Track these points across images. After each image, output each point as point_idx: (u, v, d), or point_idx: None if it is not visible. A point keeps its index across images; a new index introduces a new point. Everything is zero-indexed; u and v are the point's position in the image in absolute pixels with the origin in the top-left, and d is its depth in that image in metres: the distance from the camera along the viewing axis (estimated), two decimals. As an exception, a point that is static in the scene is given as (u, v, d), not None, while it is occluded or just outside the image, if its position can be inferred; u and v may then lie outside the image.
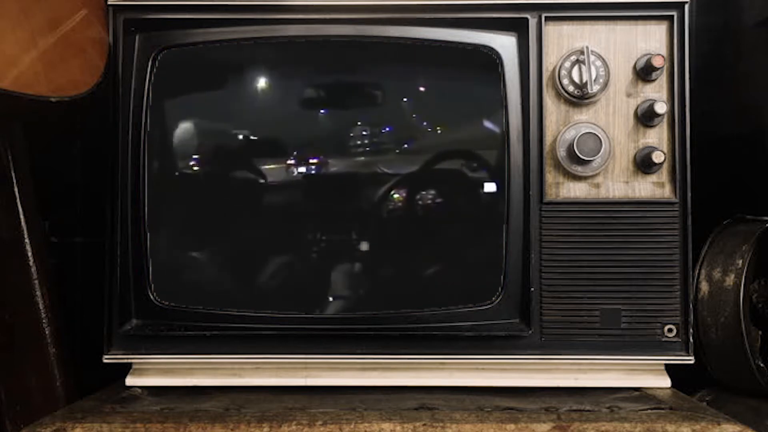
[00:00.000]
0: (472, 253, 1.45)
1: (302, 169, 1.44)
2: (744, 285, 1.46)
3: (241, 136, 1.47)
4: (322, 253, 1.45)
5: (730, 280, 1.48)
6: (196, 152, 1.46)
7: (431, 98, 1.47)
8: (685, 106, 1.42)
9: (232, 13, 1.44)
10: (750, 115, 1.63)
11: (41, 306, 1.45)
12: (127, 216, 1.42)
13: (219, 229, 1.46)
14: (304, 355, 1.42)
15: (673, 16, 1.43)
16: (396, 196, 1.43)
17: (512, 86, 1.43)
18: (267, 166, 1.44)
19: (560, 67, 1.43)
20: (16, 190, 1.46)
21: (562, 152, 1.42)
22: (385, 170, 1.43)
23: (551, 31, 1.44)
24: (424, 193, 1.44)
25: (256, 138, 1.47)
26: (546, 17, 1.43)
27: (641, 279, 1.40)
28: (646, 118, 1.42)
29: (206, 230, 1.46)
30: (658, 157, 1.39)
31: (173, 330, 1.42)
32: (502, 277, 1.41)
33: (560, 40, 1.44)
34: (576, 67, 1.42)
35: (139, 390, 1.44)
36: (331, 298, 1.45)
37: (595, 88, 1.41)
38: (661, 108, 1.39)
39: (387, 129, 1.45)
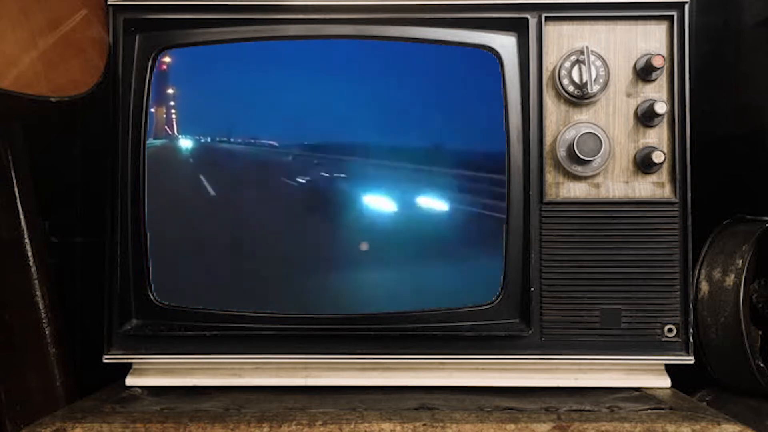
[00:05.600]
0: (472, 252, 1.45)
1: (302, 169, 1.44)
2: (744, 285, 1.46)
3: (240, 136, 1.47)
4: (322, 252, 1.45)
5: (730, 280, 1.48)
6: (195, 152, 1.46)
7: (431, 98, 1.47)
8: (685, 106, 1.42)
9: (232, 13, 1.44)
10: (750, 115, 1.63)
11: (41, 306, 1.45)
12: (127, 216, 1.42)
13: (219, 229, 1.46)
14: (304, 355, 1.42)
15: (673, 16, 1.43)
16: (395, 195, 1.43)
17: (512, 86, 1.43)
18: (267, 166, 1.44)
19: (560, 67, 1.43)
20: (16, 190, 1.46)
21: (562, 152, 1.42)
22: (385, 169, 1.43)
23: (551, 31, 1.44)
24: (423, 192, 1.44)
25: (256, 138, 1.47)
26: (546, 17, 1.43)
27: (641, 279, 1.40)
28: (646, 118, 1.42)
29: (206, 230, 1.46)
30: (658, 157, 1.39)
31: (173, 330, 1.43)
32: (502, 277, 1.41)
33: (560, 40, 1.44)
34: (576, 67, 1.42)
35: (139, 390, 1.44)
36: (331, 298, 1.45)
37: (595, 88, 1.41)
38: (661, 108, 1.39)
39: (386, 129, 1.45)
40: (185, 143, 1.45)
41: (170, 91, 1.46)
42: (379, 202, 1.43)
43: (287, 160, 1.45)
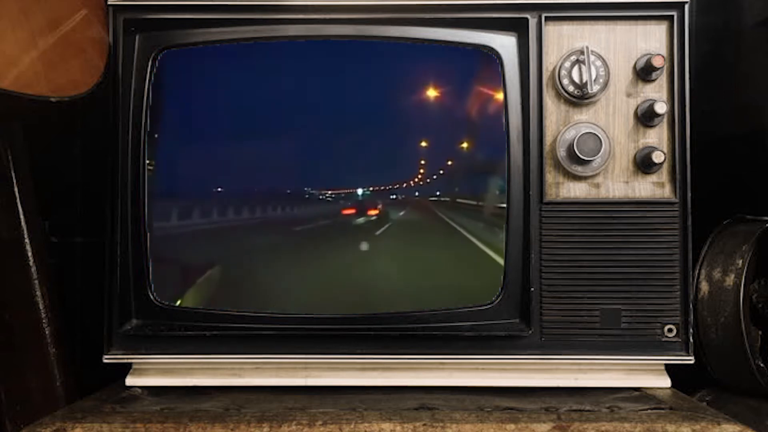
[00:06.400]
0: (471, 252, 1.45)
1: (300, 168, 1.44)
2: (744, 285, 1.46)
3: (240, 137, 1.47)
4: (322, 252, 1.45)
5: (730, 280, 1.48)
6: (195, 152, 1.46)
7: (431, 98, 1.47)
8: (685, 106, 1.42)
9: (232, 13, 1.44)
10: (750, 115, 1.63)
11: (41, 306, 1.45)
12: (127, 216, 1.42)
13: (219, 229, 1.46)
14: (304, 355, 1.42)
15: (673, 16, 1.43)
16: (395, 195, 1.43)
17: (512, 86, 1.43)
18: (266, 166, 1.44)
19: (560, 67, 1.43)
20: (16, 190, 1.46)
21: (562, 152, 1.42)
22: (384, 169, 1.43)
23: (551, 31, 1.44)
24: (423, 191, 1.44)
25: (255, 138, 1.47)
26: (546, 17, 1.43)
27: (641, 279, 1.40)
28: (646, 118, 1.42)
29: (206, 230, 1.46)
30: (658, 157, 1.39)
31: (173, 330, 1.43)
32: (502, 277, 1.41)
33: (560, 40, 1.44)
34: (576, 67, 1.42)
35: (139, 390, 1.44)
36: (331, 298, 1.45)
37: (595, 88, 1.41)
38: (661, 108, 1.39)
39: (385, 129, 1.45)
40: (185, 143, 1.46)
41: (170, 91, 1.46)
42: (378, 202, 1.43)
43: (288, 160, 1.45)
